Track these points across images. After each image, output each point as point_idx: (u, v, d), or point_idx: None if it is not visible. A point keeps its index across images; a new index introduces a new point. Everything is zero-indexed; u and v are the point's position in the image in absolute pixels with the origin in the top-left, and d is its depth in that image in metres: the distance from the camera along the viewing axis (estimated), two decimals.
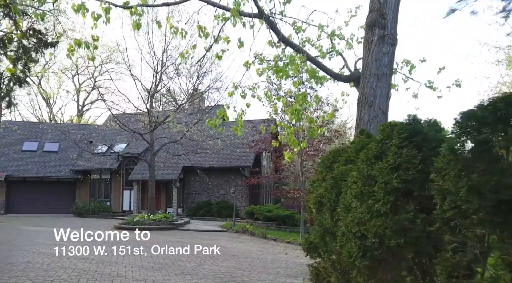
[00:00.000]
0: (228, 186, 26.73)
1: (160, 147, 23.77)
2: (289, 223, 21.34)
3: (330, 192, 4.86)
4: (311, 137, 6.29)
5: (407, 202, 3.52)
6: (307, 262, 11.44)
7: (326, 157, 6.22)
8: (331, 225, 4.72)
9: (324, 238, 4.83)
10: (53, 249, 12.00)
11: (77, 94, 50.26)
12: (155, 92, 23.33)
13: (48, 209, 28.76)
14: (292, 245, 15.49)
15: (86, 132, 32.71)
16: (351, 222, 3.96)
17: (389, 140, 3.86)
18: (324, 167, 6.12)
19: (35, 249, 11.96)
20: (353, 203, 4.04)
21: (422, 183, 3.45)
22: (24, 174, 29.19)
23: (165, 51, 22.30)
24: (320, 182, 5.62)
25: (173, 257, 11.15)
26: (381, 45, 7.08)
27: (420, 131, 3.68)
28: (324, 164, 6.17)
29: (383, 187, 3.66)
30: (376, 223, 3.61)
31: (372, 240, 3.69)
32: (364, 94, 7.16)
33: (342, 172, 4.81)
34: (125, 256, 11.01)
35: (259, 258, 11.62)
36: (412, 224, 3.39)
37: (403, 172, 3.54)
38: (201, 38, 7.24)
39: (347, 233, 4.06)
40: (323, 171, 6.13)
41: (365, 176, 3.98)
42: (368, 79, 7.13)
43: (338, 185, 4.79)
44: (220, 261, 10.68)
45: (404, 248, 3.46)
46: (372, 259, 3.72)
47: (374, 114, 7.02)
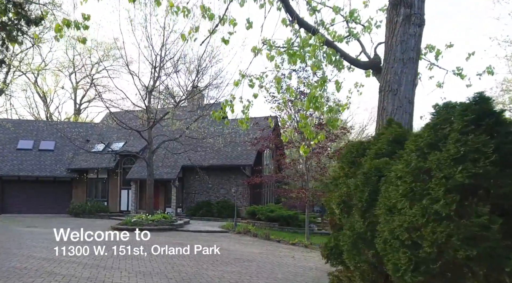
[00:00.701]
0: (229, 185, 25.97)
1: (159, 145, 22.98)
2: (292, 223, 20.65)
3: (362, 190, 4.10)
4: (332, 128, 5.53)
5: (477, 202, 2.75)
6: (317, 266, 10.72)
7: (348, 151, 5.46)
8: (364, 229, 3.95)
9: (356, 244, 4.07)
10: (44, 252, 11.27)
11: (74, 93, 49.42)
12: (154, 88, 22.53)
13: (44, 209, 27.99)
14: (298, 247, 14.75)
15: (82, 130, 31.83)
16: (398, 227, 3.20)
17: (447, 125, 3.10)
18: (346, 162, 5.36)
19: (24, 252, 11.16)
20: (399, 203, 3.28)
21: (497, 177, 2.69)
22: (19, 173, 28.39)
23: (164, 45, 21.51)
24: (344, 179, 4.85)
25: (173, 260, 10.39)
26: (407, 26, 6.31)
27: (491, 112, 2.92)
28: (346, 158, 5.40)
29: (442, 183, 2.90)
30: (435, 228, 2.85)
31: (428, 250, 2.93)
32: (387, 82, 6.39)
33: (376, 166, 4.04)
34: (122, 259, 10.24)
35: (264, 261, 10.86)
36: (486, 230, 2.64)
37: (470, 163, 2.78)
38: (205, 18, 6.48)
39: (391, 240, 3.30)
40: (345, 167, 5.37)
41: (415, 170, 3.21)
42: (391, 64, 6.36)
43: (372, 182, 4.03)
44: (223, 266, 9.90)
45: (474, 262, 2.70)
46: (427, 274, 2.97)
47: (399, 103, 6.26)
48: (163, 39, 21.24)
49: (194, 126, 21.83)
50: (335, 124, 5.75)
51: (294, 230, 20.28)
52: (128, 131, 26.19)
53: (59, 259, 10.14)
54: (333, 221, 5.36)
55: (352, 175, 5.02)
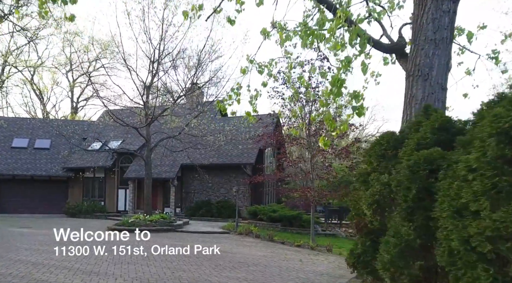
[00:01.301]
0: (229, 184, 25.22)
1: (157, 143, 22.19)
2: (295, 224, 19.91)
3: (407, 186, 3.36)
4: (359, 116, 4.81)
5: None
6: (327, 271, 9.95)
7: (377, 143, 4.71)
8: (413, 236, 3.21)
9: (403, 255, 3.32)
10: (34, 256, 10.52)
11: (71, 91, 48.54)
12: (152, 83, 21.73)
13: (39, 209, 27.26)
14: (303, 249, 14.00)
15: (79, 128, 31.05)
16: (476, 235, 2.45)
17: None
18: (375, 156, 4.61)
19: (13, 256, 10.37)
20: (473, 203, 2.54)
21: None
22: (13, 172, 27.68)
23: (163, 39, 20.72)
24: (377, 175, 4.10)
25: (172, 264, 9.63)
26: (440, 1, 5.56)
27: None
28: (374, 151, 4.66)
29: None
30: None
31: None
32: (416, 65, 5.65)
33: (426, 157, 3.29)
34: (118, 263, 9.48)
35: (271, 266, 10.10)
36: None
37: None
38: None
39: (463, 252, 2.56)
40: (374, 161, 4.63)
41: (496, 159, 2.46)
42: (422, 45, 5.62)
43: (420, 177, 3.28)
44: (228, 271, 9.14)
45: None
46: None
47: (431, 90, 5.52)
48: (161, 33, 20.44)
49: (194, 123, 21.03)
50: (362, 112, 5.00)
51: (297, 230, 19.55)
52: (125, 129, 25.42)
53: (49, 263, 9.37)
54: (359, 223, 4.61)
55: (383, 169, 4.28)
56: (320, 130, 14.32)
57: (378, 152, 4.55)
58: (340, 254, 12.86)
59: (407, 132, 4.38)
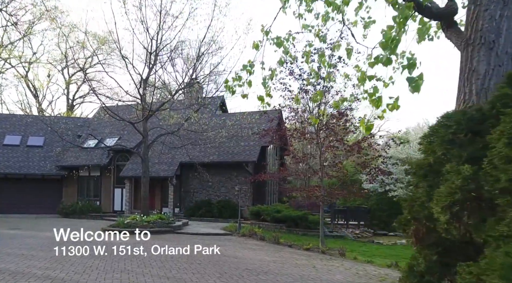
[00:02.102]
0: (230, 183, 24.11)
1: (155, 139, 21.00)
2: (301, 225, 18.84)
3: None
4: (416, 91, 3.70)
5: None
6: (347, 280, 8.85)
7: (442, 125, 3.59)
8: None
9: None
10: (15, 262, 9.34)
11: (67, 88, 47.29)
12: (149, 76, 20.55)
13: (32, 209, 26.10)
14: (313, 253, 12.89)
15: (73, 125, 29.86)
16: None
17: None
18: (439, 142, 3.50)
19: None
20: None
21: None
22: (5, 171, 26.58)
23: (160, 29, 19.55)
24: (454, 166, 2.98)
25: (171, 273, 8.48)
26: None
27: None
28: (439, 137, 3.55)
29: None
30: None
31: None
32: (478, 31, 4.51)
33: None
34: (109, 273, 8.33)
35: (282, 274, 8.94)
36: None
37: None
38: None
39: None
40: (438, 149, 3.52)
41: None
42: (485, 6, 4.48)
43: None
44: (234, 281, 8.00)
45: None
46: None
47: (497, 61, 4.38)
48: (159, 22, 19.25)
49: (194, 117, 19.85)
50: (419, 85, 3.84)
51: (303, 232, 18.49)
52: (122, 125, 24.28)
53: (30, 272, 8.21)
54: (419, 231, 3.47)
55: (456, 159, 3.15)
56: (339, 119, 13.20)
57: (445, 137, 3.44)
58: (355, 259, 11.77)
59: (487, 109, 3.28)
